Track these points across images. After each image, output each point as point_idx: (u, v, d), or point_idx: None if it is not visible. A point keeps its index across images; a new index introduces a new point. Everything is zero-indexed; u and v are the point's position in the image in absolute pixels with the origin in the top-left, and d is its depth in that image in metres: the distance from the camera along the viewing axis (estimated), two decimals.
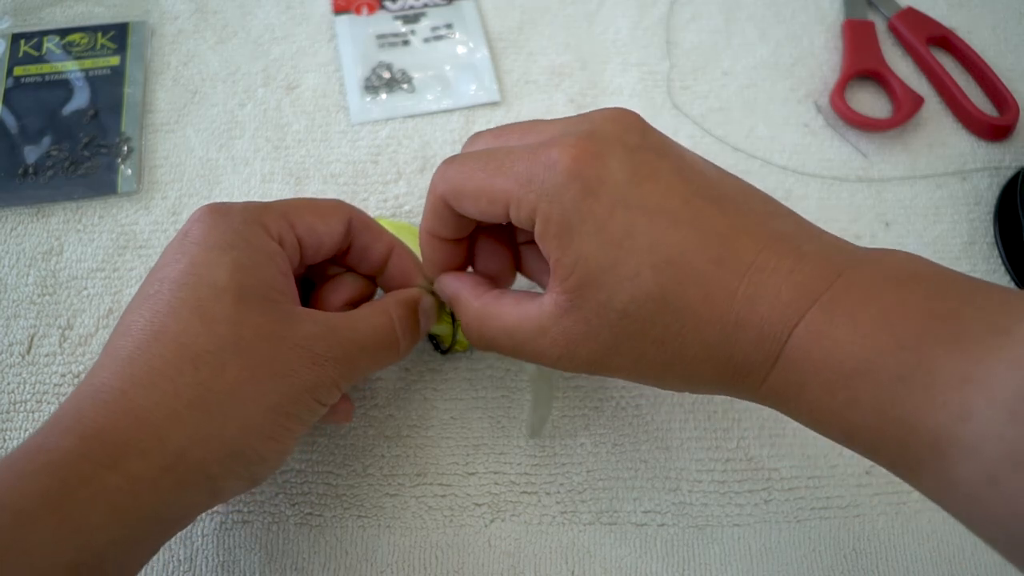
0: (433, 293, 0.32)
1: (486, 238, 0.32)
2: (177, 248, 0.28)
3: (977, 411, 0.20)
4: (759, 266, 0.24)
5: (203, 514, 0.33)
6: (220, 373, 0.25)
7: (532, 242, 0.31)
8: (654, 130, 0.27)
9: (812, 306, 0.23)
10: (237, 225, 0.28)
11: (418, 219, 0.40)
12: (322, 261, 0.32)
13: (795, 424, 0.36)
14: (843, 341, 0.23)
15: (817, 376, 0.23)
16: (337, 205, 0.31)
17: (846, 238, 0.40)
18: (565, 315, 0.26)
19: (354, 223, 0.31)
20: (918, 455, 0.22)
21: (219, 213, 0.28)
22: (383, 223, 0.37)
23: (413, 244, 0.36)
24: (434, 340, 0.36)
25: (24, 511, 0.22)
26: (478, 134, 0.31)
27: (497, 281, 0.31)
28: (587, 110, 0.43)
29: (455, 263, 0.32)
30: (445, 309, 0.33)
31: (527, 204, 0.26)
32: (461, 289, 0.30)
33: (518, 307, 0.28)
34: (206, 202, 0.40)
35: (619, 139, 0.26)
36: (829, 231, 0.41)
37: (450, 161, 0.29)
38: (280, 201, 0.30)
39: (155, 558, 0.32)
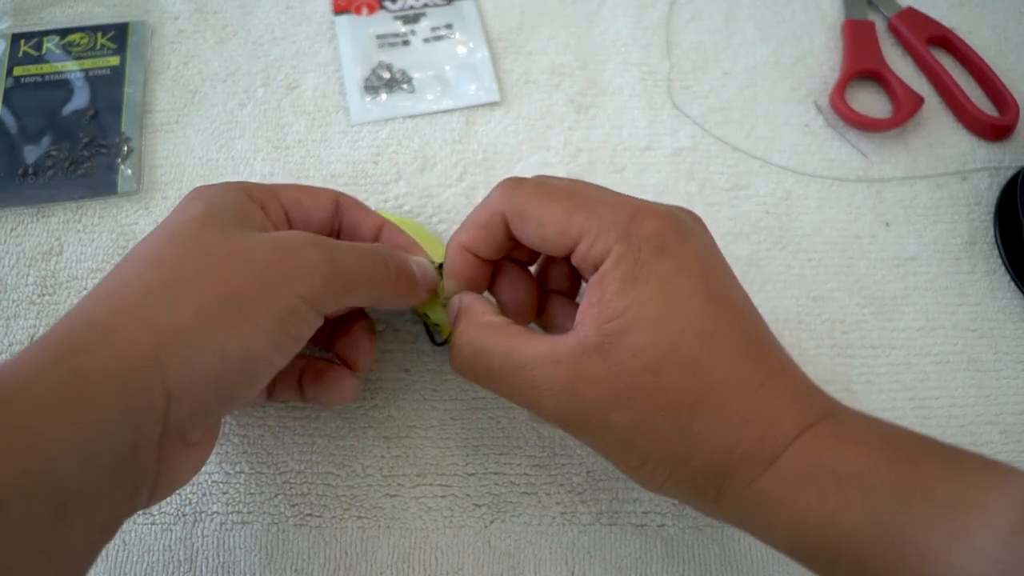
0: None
1: (513, 269, 0.32)
2: (170, 214, 0.29)
3: (973, 533, 0.21)
4: (780, 377, 0.26)
5: (203, 515, 0.33)
6: (179, 268, 0.25)
7: (558, 292, 0.32)
8: (712, 237, 0.30)
9: (818, 420, 0.25)
10: (219, 187, 0.29)
11: (416, 222, 0.40)
12: None
13: None
14: (844, 452, 0.24)
15: (813, 481, 0.24)
16: (324, 188, 0.32)
17: (846, 238, 0.41)
18: (588, 354, 0.26)
19: (342, 201, 0.32)
20: (907, 569, 0.22)
21: (206, 186, 0.30)
22: (384, 215, 0.37)
23: (420, 235, 0.36)
24: (429, 330, 0.36)
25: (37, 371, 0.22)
26: (547, 176, 0.31)
27: (516, 317, 0.31)
28: (587, 110, 0.44)
29: (478, 284, 0.31)
30: (441, 302, 0.33)
31: (603, 243, 0.26)
32: (476, 302, 0.30)
33: (529, 336, 0.28)
34: None
35: (696, 232, 0.28)
36: (829, 231, 0.41)
37: (519, 183, 0.29)
38: (270, 183, 0.31)
39: (156, 559, 0.32)
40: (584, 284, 0.29)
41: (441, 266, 0.32)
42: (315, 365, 0.32)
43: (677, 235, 0.27)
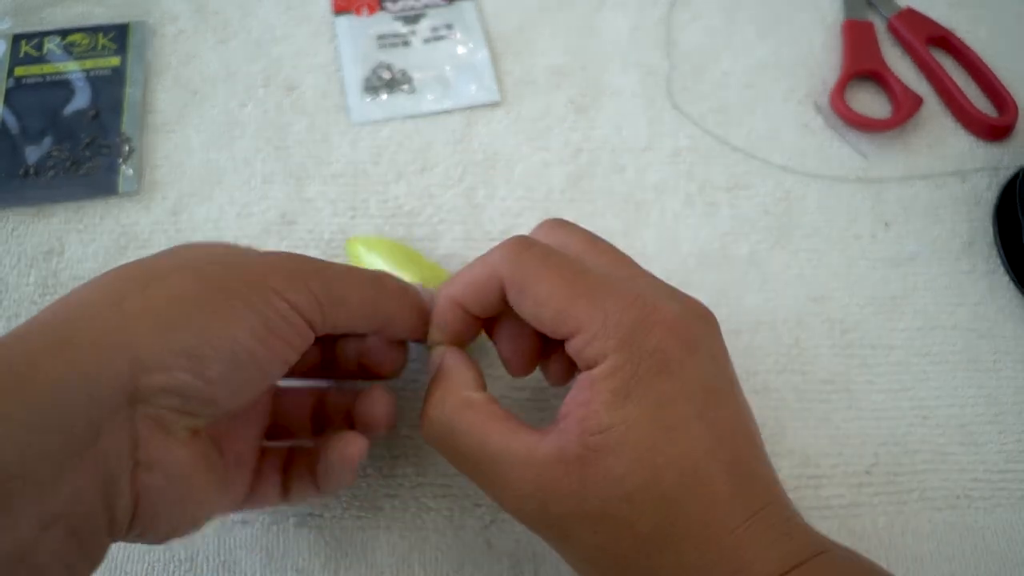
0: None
1: (516, 319, 0.28)
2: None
3: None
4: (763, 515, 0.24)
5: None
6: (154, 260, 0.25)
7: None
8: (724, 345, 0.27)
9: (796, 566, 0.23)
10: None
11: (416, 222, 0.40)
12: None
13: (795, 423, 0.36)
14: None
15: None
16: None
17: (846, 238, 0.41)
18: (564, 466, 0.24)
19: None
20: None
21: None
22: (359, 241, 0.37)
23: (392, 262, 0.35)
24: None
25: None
26: (559, 222, 0.29)
27: (512, 367, 0.30)
28: (587, 110, 0.44)
29: (465, 337, 0.29)
30: None
31: (601, 345, 0.24)
32: (457, 369, 0.28)
33: (507, 424, 0.26)
34: (207, 203, 0.40)
35: (706, 340, 0.26)
36: (828, 231, 0.41)
37: (526, 247, 0.27)
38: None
39: (156, 559, 0.32)
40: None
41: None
42: (307, 452, 0.30)
43: (684, 351, 0.25)
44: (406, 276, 0.32)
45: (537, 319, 0.26)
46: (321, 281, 0.26)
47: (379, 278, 0.28)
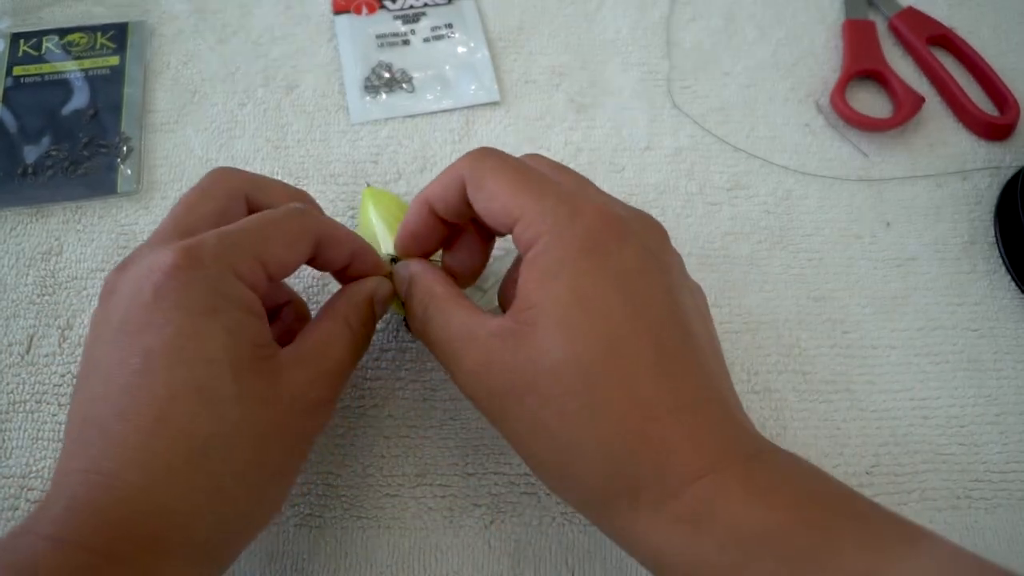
0: (391, 261, 0.32)
1: (471, 237, 0.32)
2: (152, 306, 0.25)
3: None
4: (691, 407, 0.24)
5: None
6: (231, 457, 0.25)
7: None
8: (674, 252, 0.28)
9: (727, 466, 0.23)
10: (214, 282, 0.26)
11: None
12: None
13: (795, 424, 0.36)
14: (753, 505, 0.22)
15: (713, 530, 0.22)
16: (304, 228, 0.29)
17: (846, 238, 0.41)
18: (500, 340, 0.26)
19: (322, 242, 0.29)
20: None
21: (193, 266, 0.25)
22: (371, 194, 0.37)
23: (385, 215, 0.36)
24: (404, 319, 0.36)
25: None
26: (534, 154, 0.31)
27: (458, 279, 0.32)
28: (587, 110, 0.44)
29: (429, 243, 0.31)
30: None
31: (535, 230, 0.26)
32: (425, 271, 0.30)
33: (466, 308, 0.28)
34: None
35: (644, 238, 0.27)
36: (829, 231, 0.41)
37: (490, 152, 0.29)
38: (247, 231, 0.27)
39: None
40: None
41: (395, 260, 0.32)
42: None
43: (614, 238, 0.26)
44: (390, 228, 0.34)
45: (489, 212, 0.28)
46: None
47: (358, 344, 0.30)
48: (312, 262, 0.31)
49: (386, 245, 0.35)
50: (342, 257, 0.31)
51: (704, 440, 0.24)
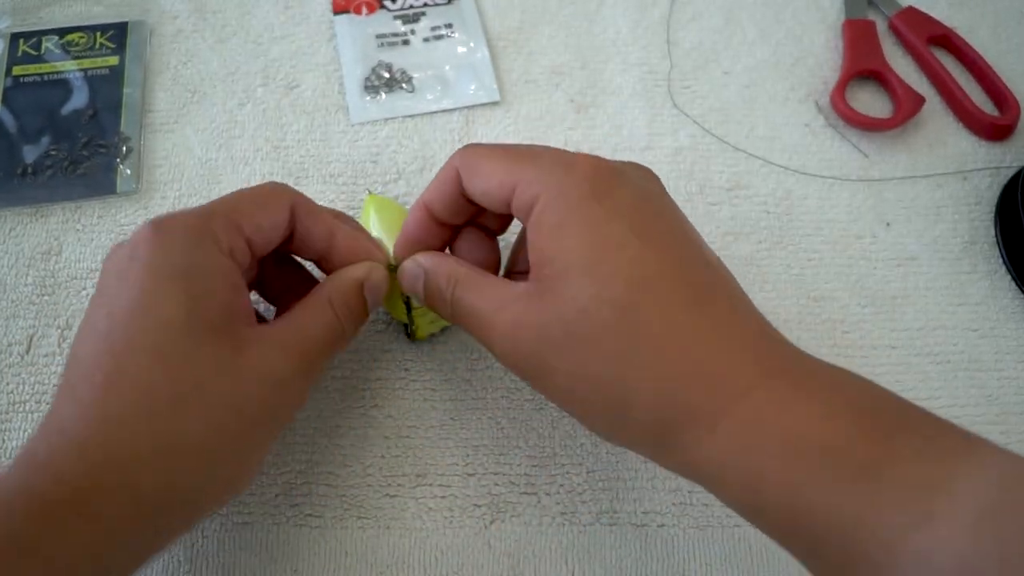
0: (391, 269, 0.32)
1: (475, 233, 0.32)
2: (126, 271, 0.26)
3: (939, 519, 0.19)
4: (727, 327, 0.25)
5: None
6: (182, 417, 0.25)
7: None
8: (670, 197, 0.28)
9: (773, 377, 0.23)
10: (186, 245, 0.26)
11: None
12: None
13: None
14: (807, 415, 0.22)
15: (770, 444, 0.22)
16: (278, 192, 0.30)
17: (846, 238, 0.41)
18: (525, 301, 0.26)
19: (296, 209, 0.30)
20: (865, 552, 0.20)
21: (165, 231, 0.27)
22: (374, 200, 0.37)
23: (386, 223, 0.36)
24: (405, 327, 0.36)
25: None
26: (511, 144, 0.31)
27: None
28: (587, 109, 0.44)
29: (433, 247, 0.31)
30: (401, 298, 0.33)
31: (532, 191, 0.26)
32: (440, 261, 0.30)
33: (495, 281, 0.28)
34: (206, 202, 0.40)
35: (638, 180, 0.28)
36: (829, 231, 0.41)
37: (479, 143, 0.30)
38: (223, 200, 0.29)
39: (156, 559, 0.32)
40: None
41: (394, 268, 0.32)
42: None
43: (610, 181, 0.26)
44: (392, 238, 0.34)
45: (485, 192, 0.28)
46: (313, 381, 0.29)
47: (341, 330, 0.30)
48: (292, 244, 0.31)
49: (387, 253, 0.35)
50: (321, 233, 0.31)
51: (747, 356, 0.24)
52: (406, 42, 0.46)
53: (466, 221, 0.31)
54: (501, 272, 0.33)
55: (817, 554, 0.22)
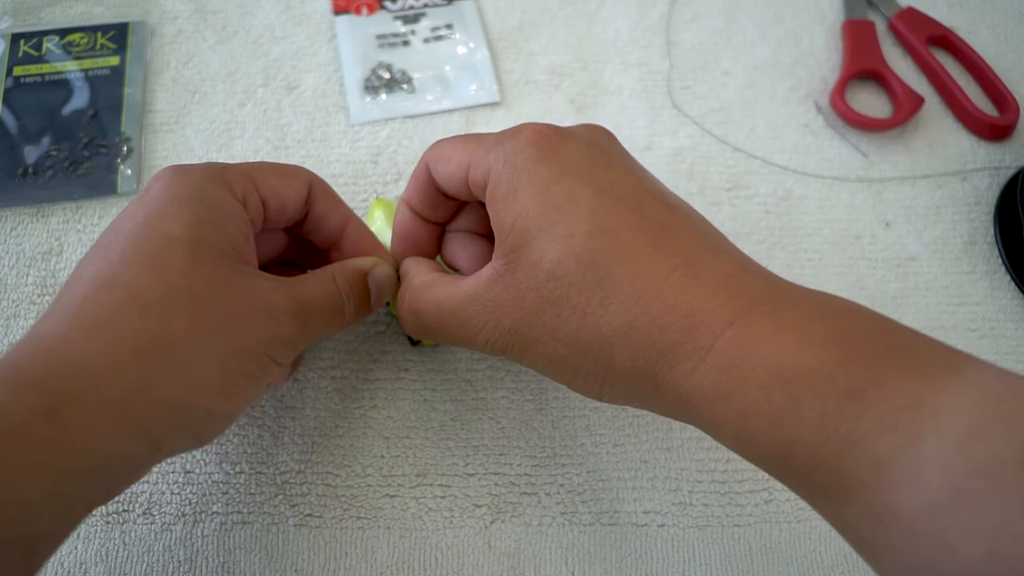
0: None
1: (462, 235, 0.32)
2: (136, 203, 0.27)
3: (927, 438, 0.19)
4: (695, 262, 0.24)
5: (203, 515, 0.33)
6: (167, 321, 0.24)
7: None
8: (622, 145, 0.29)
9: (752, 309, 0.23)
10: (199, 180, 0.28)
11: None
12: (282, 228, 0.32)
13: None
14: (789, 344, 0.22)
15: (754, 376, 0.22)
16: (299, 169, 0.31)
17: (846, 238, 0.41)
18: (499, 280, 0.26)
19: (315, 187, 0.31)
20: (855, 476, 0.20)
21: (182, 171, 0.28)
22: (381, 203, 0.37)
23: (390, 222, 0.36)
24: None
25: None
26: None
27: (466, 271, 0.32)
28: (587, 110, 0.44)
29: (421, 245, 0.32)
30: None
31: (484, 167, 0.27)
32: (412, 266, 0.31)
33: (454, 282, 0.28)
34: None
35: (587, 136, 0.28)
36: (829, 231, 0.41)
37: (443, 138, 0.30)
38: (243, 163, 0.30)
39: (156, 559, 0.32)
40: None
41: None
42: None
43: (556, 140, 0.26)
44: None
45: (448, 177, 0.29)
46: (304, 334, 0.29)
47: (342, 305, 0.30)
48: (306, 225, 0.32)
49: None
50: (337, 217, 0.32)
51: (721, 293, 0.24)
52: (406, 43, 0.46)
53: (449, 218, 0.32)
54: None
55: (810, 482, 0.22)
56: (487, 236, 0.32)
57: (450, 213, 0.32)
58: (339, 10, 0.46)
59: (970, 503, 0.18)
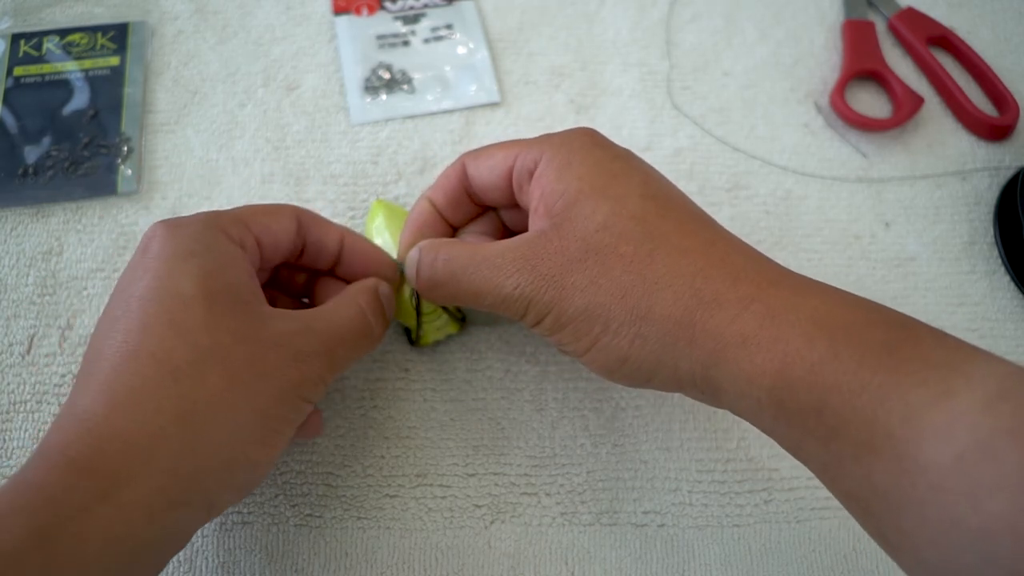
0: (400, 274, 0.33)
1: (473, 235, 0.33)
2: (138, 265, 0.27)
3: (957, 395, 0.20)
4: (732, 240, 0.27)
5: None
6: (201, 382, 0.25)
7: None
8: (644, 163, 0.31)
9: (791, 274, 0.25)
10: (195, 232, 0.27)
11: None
12: (280, 263, 0.32)
13: None
14: (829, 302, 0.24)
15: (799, 324, 0.23)
16: (283, 205, 0.32)
17: (846, 238, 0.41)
18: (542, 235, 0.27)
19: (302, 218, 0.31)
20: (886, 428, 0.21)
21: (176, 225, 0.28)
22: (382, 204, 0.37)
23: (390, 225, 0.36)
24: (408, 332, 0.36)
25: (8, 553, 0.21)
26: None
27: None
28: (587, 110, 0.44)
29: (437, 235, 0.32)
30: (411, 302, 0.34)
31: (535, 153, 0.29)
32: (431, 244, 0.30)
33: (487, 244, 0.29)
34: (206, 203, 0.41)
35: (617, 150, 0.30)
36: (829, 231, 0.41)
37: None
38: (231, 208, 0.30)
39: None
40: None
41: (402, 268, 0.33)
42: None
43: (606, 139, 0.30)
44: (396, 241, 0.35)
45: (489, 170, 0.30)
46: (334, 369, 0.29)
47: (370, 331, 0.31)
48: (305, 255, 0.32)
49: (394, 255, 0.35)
50: (333, 237, 0.32)
51: (763, 260, 0.26)
52: (406, 43, 0.46)
53: (464, 224, 0.33)
54: None
55: (840, 437, 0.22)
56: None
57: (467, 219, 0.33)
58: (339, 10, 0.46)
59: (995, 459, 0.19)
